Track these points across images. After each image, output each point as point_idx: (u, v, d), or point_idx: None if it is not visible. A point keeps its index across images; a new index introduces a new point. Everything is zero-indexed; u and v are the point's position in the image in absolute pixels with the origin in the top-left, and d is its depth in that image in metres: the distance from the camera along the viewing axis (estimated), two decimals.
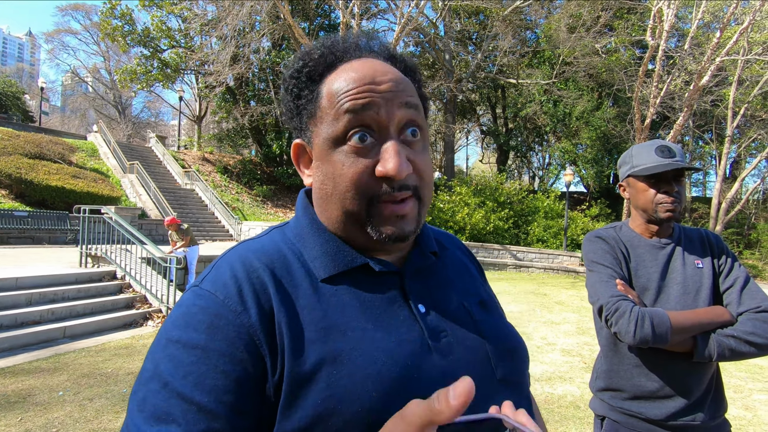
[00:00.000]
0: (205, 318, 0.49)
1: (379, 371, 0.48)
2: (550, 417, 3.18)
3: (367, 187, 0.53)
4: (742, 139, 18.08)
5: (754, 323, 1.08)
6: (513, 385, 0.58)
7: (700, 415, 1.14)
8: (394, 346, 0.51)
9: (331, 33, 8.67)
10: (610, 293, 1.14)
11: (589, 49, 16.35)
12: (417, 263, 0.60)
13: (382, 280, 0.57)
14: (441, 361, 0.53)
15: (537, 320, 6.43)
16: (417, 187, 0.55)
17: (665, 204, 1.20)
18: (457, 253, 0.72)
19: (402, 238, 0.54)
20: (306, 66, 0.58)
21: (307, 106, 0.57)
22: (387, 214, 0.53)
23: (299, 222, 0.61)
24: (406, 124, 0.55)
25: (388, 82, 0.55)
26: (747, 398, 3.76)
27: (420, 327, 0.54)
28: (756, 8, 11.21)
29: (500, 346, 0.59)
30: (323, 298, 0.53)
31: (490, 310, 0.64)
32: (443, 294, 0.60)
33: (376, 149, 0.53)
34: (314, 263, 0.56)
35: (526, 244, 15.34)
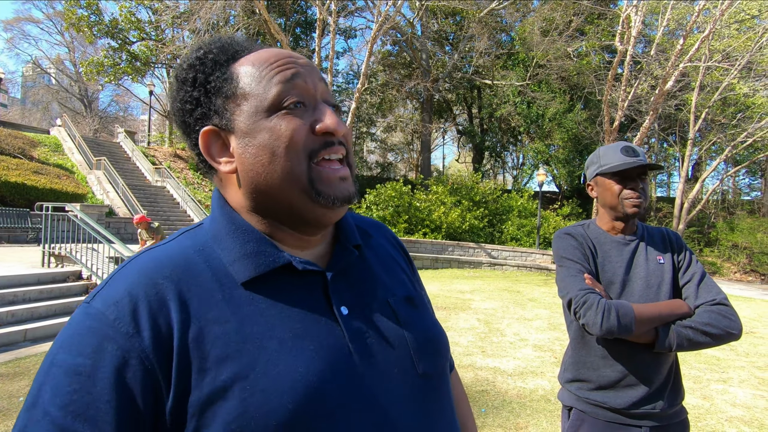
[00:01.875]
0: (92, 341, 0.45)
1: (295, 382, 0.47)
2: (522, 411, 3.27)
3: (307, 143, 0.54)
4: (703, 142, 18.96)
5: (710, 315, 1.15)
6: (434, 378, 0.59)
7: (660, 403, 1.20)
8: (312, 355, 0.50)
9: (308, 30, 8.76)
10: (579, 287, 1.18)
11: (562, 52, 16.80)
12: (340, 262, 0.59)
13: (305, 281, 0.56)
14: (362, 364, 0.53)
15: (510, 317, 6.57)
16: (348, 151, 0.58)
17: (631, 199, 1.26)
18: (384, 243, 0.71)
19: (348, 199, 0.56)
20: (209, 53, 0.57)
21: (222, 87, 0.56)
22: (329, 177, 0.54)
23: (215, 222, 0.57)
24: (327, 99, 0.58)
25: (306, 61, 0.59)
26: (705, 388, 3.96)
27: (341, 331, 0.53)
28: (716, 17, 11.77)
29: (423, 342, 0.60)
30: (239, 307, 0.51)
31: (416, 306, 0.64)
32: (367, 292, 0.60)
33: (308, 114, 0.55)
34: (233, 266, 0.53)
35: (501, 242, 15.64)
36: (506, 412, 3.25)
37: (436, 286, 9.17)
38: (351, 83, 22.97)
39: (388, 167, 28.67)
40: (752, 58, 14.25)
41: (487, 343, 5.08)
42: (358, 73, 18.77)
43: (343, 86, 22.96)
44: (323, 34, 14.38)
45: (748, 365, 4.72)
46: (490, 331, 5.63)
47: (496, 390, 3.68)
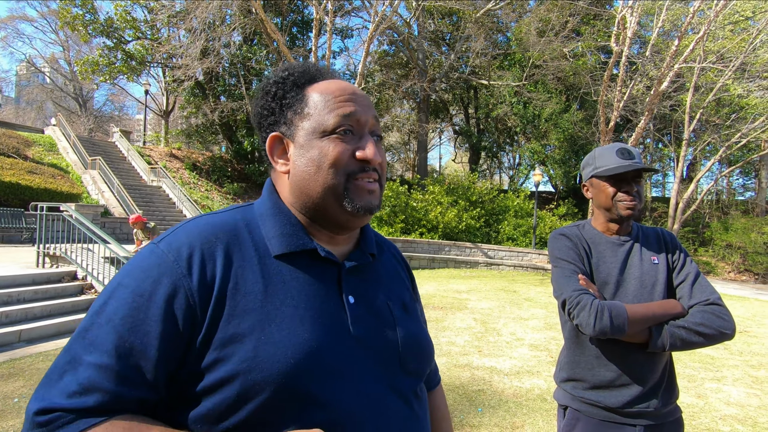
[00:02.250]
0: (154, 273, 0.58)
1: (299, 344, 0.58)
2: (518, 410, 3.28)
3: (347, 165, 0.66)
4: (698, 143, 19.08)
5: (703, 315, 1.16)
6: (415, 375, 0.70)
7: (654, 402, 1.21)
8: (318, 326, 0.61)
9: (304, 29, 8.70)
10: (573, 287, 1.19)
11: (558, 53, 16.84)
12: (356, 260, 0.71)
13: (324, 268, 0.67)
14: (357, 346, 0.63)
15: (506, 317, 6.59)
16: (380, 176, 0.70)
17: (625, 202, 1.27)
18: (392, 259, 0.83)
19: (371, 209, 0.67)
20: (291, 75, 0.71)
21: (294, 105, 0.69)
22: (360, 188, 0.66)
23: (264, 203, 0.70)
24: (374, 131, 0.70)
25: (363, 96, 0.71)
26: (699, 387, 3.99)
27: (345, 314, 0.65)
28: (710, 18, 11.85)
29: (410, 343, 0.70)
30: (269, 274, 0.62)
31: (409, 313, 0.75)
32: (373, 291, 0.71)
33: (354, 141, 0.67)
34: (271, 241, 0.65)
35: (497, 242, 15.67)
36: (503, 411, 3.26)
37: (432, 286, 9.18)
38: None
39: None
40: (746, 59, 14.35)
41: (483, 343, 5.10)
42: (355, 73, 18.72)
43: None
44: (320, 34, 14.36)
45: (742, 364, 4.76)
46: (487, 331, 5.65)
47: (493, 389, 3.69)
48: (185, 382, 0.57)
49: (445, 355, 4.56)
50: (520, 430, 2.98)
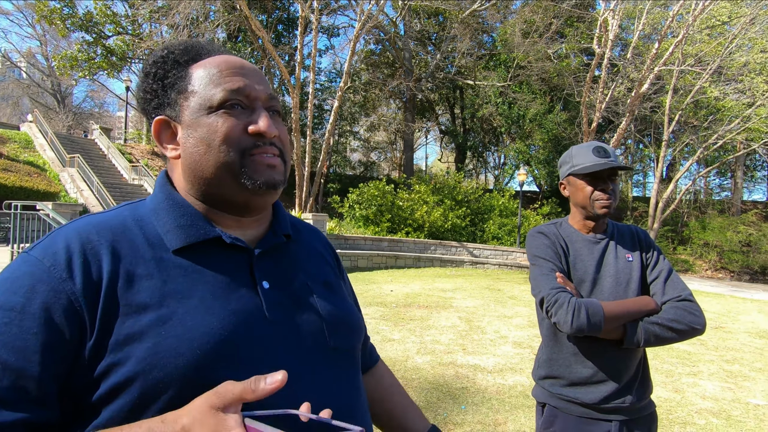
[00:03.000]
0: (26, 282, 0.53)
1: (207, 333, 0.55)
2: (501, 407, 3.31)
3: (240, 140, 0.61)
4: (677, 144, 19.56)
5: (676, 311, 1.18)
6: (344, 352, 0.69)
7: (629, 397, 1.23)
8: (228, 314, 0.58)
9: (290, 27, 8.59)
10: (551, 286, 1.20)
11: (542, 54, 17.06)
12: (268, 243, 0.68)
13: (232, 255, 0.64)
14: (275, 330, 0.61)
15: (491, 315, 6.65)
16: (282, 151, 0.66)
17: (601, 201, 1.29)
18: (314, 242, 0.81)
19: (273, 184, 0.63)
20: (172, 53, 0.66)
21: (176, 84, 0.64)
22: (258, 163, 0.62)
23: (156, 198, 0.66)
24: (271, 107, 0.66)
25: (254, 70, 0.67)
26: (676, 382, 4.09)
27: (260, 300, 0.62)
28: (689, 23, 12.15)
29: (335, 320, 0.68)
30: (166, 268, 0.58)
31: (332, 290, 0.73)
32: (290, 273, 0.69)
33: (245, 115, 0.63)
34: (167, 235, 0.61)
35: (482, 241, 15.80)
36: (485, 408, 3.29)
37: (418, 285, 9.21)
38: (334, 82, 22.82)
39: (371, 166, 28.64)
40: (722, 63, 14.75)
41: (467, 341, 5.13)
42: (341, 72, 18.67)
43: (325, 84, 22.79)
44: (306, 32, 14.27)
45: (717, 359, 4.89)
46: (471, 329, 5.69)
47: (476, 387, 3.72)
48: (81, 394, 0.53)
49: (429, 353, 4.58)
50: (502, 426, 3.01)
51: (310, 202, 14.39)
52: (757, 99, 14.86)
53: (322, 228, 11.69)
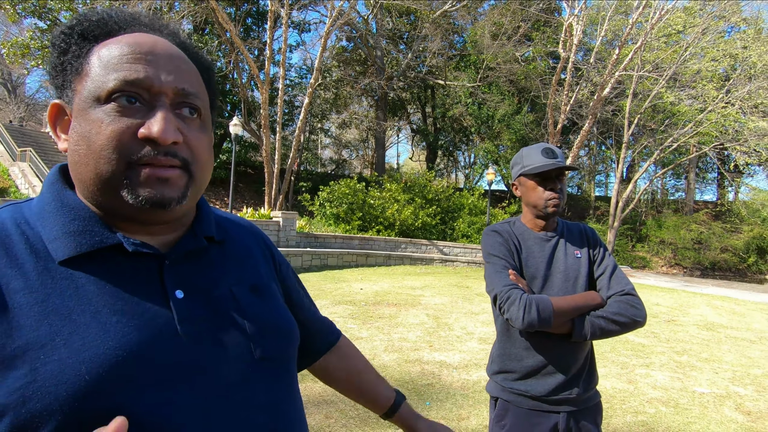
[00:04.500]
0: None
1: (100, 355, 0.47)
2: (464, 402, 3.37)
3: (126, 148, 0.51)
4: (636, 146, 20.49)
5: (619, 305, 1.24)
6: (272, 361, 0.62)
7: (576, 389, 1.29)
8: (129, 331, 0.50)
9: (260, 21, 8.29)
10: (504, 283, 1.24)
11: (510, 56, 17.47)
12: (185, 247, 0.59)
13: (137, 263, 0.55)
14: (189, 345, 0.53)
15: (458, 311, 6.76)
16: (188, 161, 0.54)
17: (551, 200, 1.33)
18: (247, 240, 0.72)
19: (161, 203, 0.52)
20: (80, 24, 0.55)
21: (73, 62, 0.54)
22: (145, 176, 0.51)
23: (42, 199, 0.56)
24: (183, 102, 0.55)
25: (169, 55, 0.55)
26: (630, 373, 4.29)
27: (171, 313, 0.54)
28: (647, 30, 12.73)
29: (263, 327, 0.62)
30: (52, 281, 0.50)
31: (262, 295, 0.66)
32: (210, 279, 0.61)
33: (142, 113, 0.52)
34: (53, 244, 0.52)
35: (452, 239, 16.04)
36: (450, 404, 3.34)
37: (388, 283, 9.25)
38: (304, 78, 22.55)
39: (342, 164, 28.51)
40: (677, 70, 15.56)
41: (435, 338, 5.20)
42: (312, 68, 18.45)
43: (296, 80, 22.49)
44: (276, 27, 14.01)
45: (668, 350, 5.17)
46: (439, 326, 5.77)
47: (441, 383, 3.77)
48: None
49: (396, 351, 4.61)
50: (465, 421, 3.07)
51: (280, 200, 14.18)
52: (708, 105, 15.76)
53: (292, 226, 11.54)
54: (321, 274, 10.13)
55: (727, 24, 17.04)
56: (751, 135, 15.49)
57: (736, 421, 3.28)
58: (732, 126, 15.93)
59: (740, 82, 15.56)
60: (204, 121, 0.58)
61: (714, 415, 3.37)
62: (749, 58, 15.38)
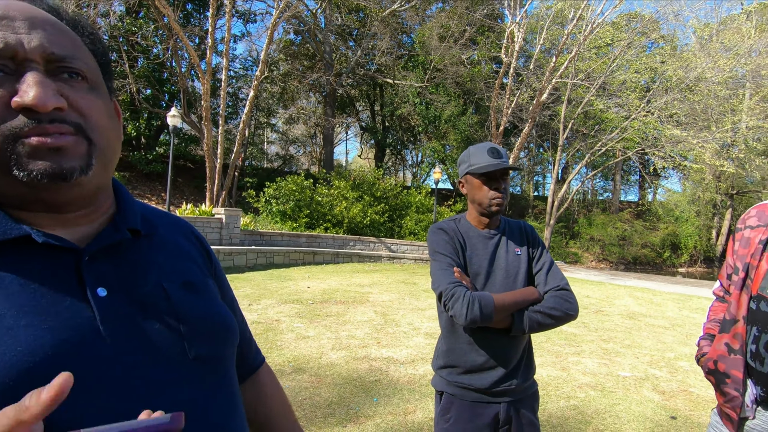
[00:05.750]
0: None
1: (9, 363, 0.43)
2: (411, 396, 3.44)
3: (2, 122, 0.45)
4: (570, 149, 21.94)
5: (554, 300, 1.32)
6: (209, 362, 0.58)
7: (515, 380, 1.36)
8: (42, 334, 0.45)
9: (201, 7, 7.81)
10: (448, 280, 1.27)
11: (456, 59, 18.00)
12: (105, 240, 0.54)
13: (50, 259, 0.50)
14: (114, 347, 0.49)
15: (406, 308, 6.87)
16: (81, 126, 0.49)
17: (495, 199, 1.38)
18: (176, 235, 0.68)
19: (60, 175, 0.47)
20: None
21: None
22: (34, 147, 0.46)
23: None
24: (60, 68, 0.49)
25: (28, 17, 0.48)
26: (563, 361, 4.59)
27: (92, 312, 0.49)
28: (580, 41, 13.65)
29: (197, 326, 0.58)
30: None
31: (195, 291, 0.61)
32: (137, 275, 0.56)
33: (10, 83, 0.46)
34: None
35: (400, 236, 16.26)
36: (397, 399, 3.39)
37: (336, 281, 9.19)
38: (250, 70, 21.77)
39: (289, 160, 27.87)
40: (606, 80, 16.84)
41: (382, 334, 5.24)
42: (258, 60, 17.84)
43: (241, 72, 21.64)
44: (218, 15, 13.37)
45: (597, 339, 5.60)
46: (386, 323, 5.83)
47: (389, 379, 3.81)
48: None
49: (344, 348, 4.60)
50: (412, 415, 3.13)
51: (223, 196, 13.60)
52: (631, 113, 17.22)
53: (236, 223, 11.11)
54: (267, 272, 9.85)
55: (648, 40, 18.72)
56: (667, 142, 17.13)
57: (653, 400, 3.62)
58: (651, 133, 17.54)
59: (658, 93, 17.16)
60: (93, 85, 0.52)
61: (635, 396, 3.70)
62: (666, 72, 17.00)
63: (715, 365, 1.13)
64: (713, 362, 1.14)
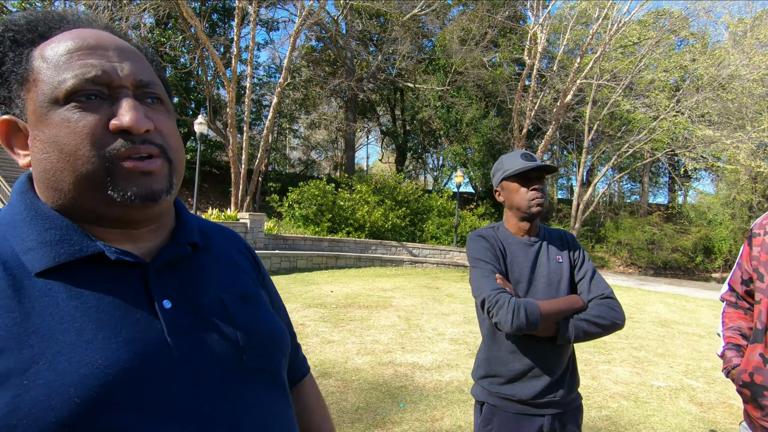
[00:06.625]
0: None
1: (87, 375, 0.45)
2: (438, 403, 3.41)
3: (101, 143, 0.49)
4: (595, 151, 21.43)
5: (600, 308, 1.29)
6: (267, 373, 0.60)
7: (561, 391, 1.32)
8: (117, 347, 0.47)
9: (226, 17, 8.03)
10: (491, 287, 1.26)
11: (478, 61, 17.87)
12: (168, 254, 0.57)
13: (121, 273, 0.52)
14: (180, 358, 0.51)
15: (429, 313, 6.83)
16: (164, 147, 0.53)
17: (535, 200, 1.37)
18: (229, 247, 0.70)
19: (150, 196, 0.51)
20: (9, 31, 0.52)
21: (16, 70, 0.51)
22: (129, 170, 0.50)
23: (12, 209, 0.53)
24: (145, 93, 0.54)
25: (118, 47, 0.53)
26: (594, 369, 4.47)
27: (160, 325, 0.52)
28: (605, 41, 13.35)
29: (254, 337, 0.59)
30: (29, 298, 0.47)
31: (250, 303, 0.63)
32: (198, 287, 0.58)
33: (106, 106, 0.50)
34: (27, 255, 0.49)
35: (421, 240, 16.20)
36: (423, 405, 3.37)
37: (358, 285, 9.22)
38: (273, 77, 22.16)
39: (311, 165, 28.20)
40: (633, 79, 16.41)
41: (406, 339, 5.22)
42: (281, 67, 18.16)
43: (264, 80, 22.06)
44: (243, 24, 13.69)
45: (627, 347, 5.43)
46: (410, 328, 5.80)
47: (415, 385, 3.79)
48: None
49: (369, 353, 4.60)
50: (439, 422, 3.10)
51: (247, 201, 13.85)
52: (660, 113, 16.71)
53: (260, 228, 11.30)
54: (290, 276, 9.97)
55: (677, 38, 18.17)
56: (698, 142, 16.54)
57: (691, 412, 3.48)
58: (682, 134, 16.97)
59: (689, 92, 16.60)
60: (168, 110, 0.57)
61: (670, 407, 3.57)
62: (697, 71, 16.44)
63: (751, 378, 1.08)
64: (749, 374, 1.09)
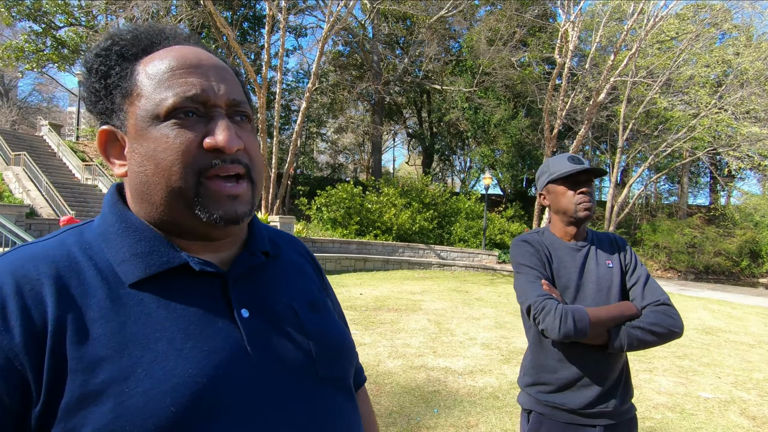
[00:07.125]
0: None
1: (180, 384, 0.46)
2: (472, 409, 3.36)
3: (195, 160, 0.51)
4: (630, 151, 20.67)
5: (656, 315, 1.22)
6: (335, 381, 0.60)
7: (613, 401, 1.27)
8: (204, 356, 0.49)
9: (256, 25, 8.30)
10: (537, 293, 1.22)
11: (506, 61, 17.57)
12: (244, 264, 0.59)
13: (203, 283, 0.54)
14: (260, 366, 0.53)
15: (459, 317, 6.74)
16: (249, 167, 0.55)
17: (582, 203, 1.32)
18: (294, 255, 0.72)
19: (235, 219, 0.53)
20: (116, 44, 0.54)
21: (121, 84, 0.54)
22: (217, 193, 0.52)
23: (105, 221, 0.55)
24: (235, 112, 0.55)
25: (215, 66, 0.55)
26: (634, 378, 4.29)
27: (240, 333, 0.53)
28: (641, 37, 12.87)
29: (324, 345, 0.60)
30: (125, 307, 0.49)
31: (319, 310, 0.64)
32: (271, 296, 0.60)
33: (201, 125, 0.52)
34: (122, 266, 0.51)
35: (449, 243, 16.05)
36: (458, 411, 3.32)
37: (387, 288, 9.22)
38: (301, 82, 22.56)
39: (338, 168, 28.48)
40: (671, 76, 15.74)
41: (438, 344, 5.18)
42: (309, 72, 18.46)
43: (293, 85, 22.49)
44: (273, 31, 14.00)
45: (670, 355, 5.19)
46: (441, 332, 5.75)
47: (448, 390, 3.75)
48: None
49: (401, 357, 4.58)
50: (474, 428, 3.05)
51: (277, 205, 14.12)
52: (701, 110, 15.96)
53: (289, 230, 11.50)
54: None
55: (719, 31, 17.30)
56: (743, 140, 15.69)
57: (743, 426, 3.29)
58: (725, 131, 16.13)
59: (732, 88, 15.77)
60: (253, 128, 0.59)
61: (720, 420, 3.38)
62: (741, 65, 15.61)
63: None
64: None
